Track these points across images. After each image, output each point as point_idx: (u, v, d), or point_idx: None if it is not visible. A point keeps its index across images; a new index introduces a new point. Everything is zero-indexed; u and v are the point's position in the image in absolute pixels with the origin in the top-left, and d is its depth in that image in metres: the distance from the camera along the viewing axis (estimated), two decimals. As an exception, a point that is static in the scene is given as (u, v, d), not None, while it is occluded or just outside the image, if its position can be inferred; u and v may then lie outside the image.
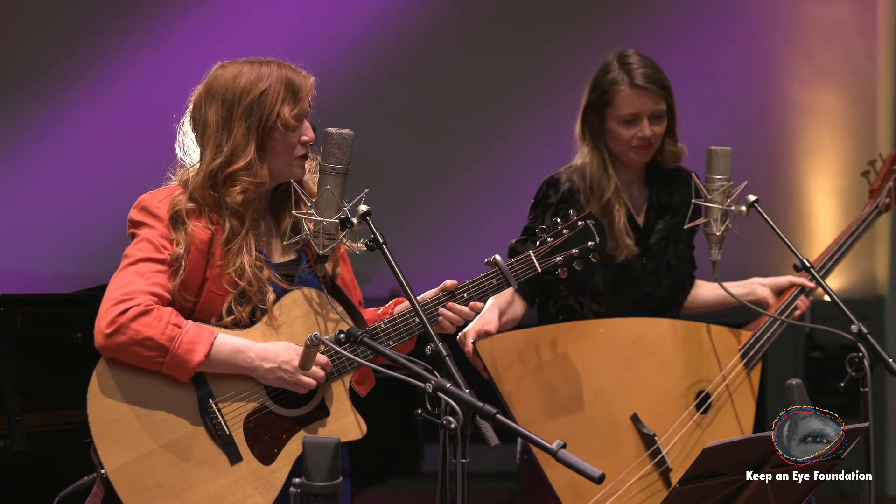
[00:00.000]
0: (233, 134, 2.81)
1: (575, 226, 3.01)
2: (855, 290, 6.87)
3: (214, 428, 2.78)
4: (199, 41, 6.77)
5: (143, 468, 2.74)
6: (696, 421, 3.43)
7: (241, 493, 2.77)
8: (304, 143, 2.87)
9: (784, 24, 7.07)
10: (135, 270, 2.77)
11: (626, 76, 3.54)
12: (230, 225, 2.81)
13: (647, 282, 3.59)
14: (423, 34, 7.08)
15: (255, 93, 2.81)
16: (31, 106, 6.86)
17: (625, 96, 3.53)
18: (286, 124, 2.82)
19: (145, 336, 2.71)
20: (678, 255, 3.65)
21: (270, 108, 2.81)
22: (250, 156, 2.80)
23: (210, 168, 2.81)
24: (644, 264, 3.58)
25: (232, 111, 2.81)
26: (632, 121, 3.53)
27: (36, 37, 6.88)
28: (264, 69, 2.84)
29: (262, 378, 2.79)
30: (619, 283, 3.53)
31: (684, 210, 3.60)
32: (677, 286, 3.67)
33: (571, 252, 3.00)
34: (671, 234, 3.63)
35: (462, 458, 2.40)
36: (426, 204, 7.04)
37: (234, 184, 2.80)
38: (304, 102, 2.86)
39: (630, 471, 3.33)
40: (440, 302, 2.92)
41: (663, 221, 3.63)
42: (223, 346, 2.75)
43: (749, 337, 3.51)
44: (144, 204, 2.84)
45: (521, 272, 2.98)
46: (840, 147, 6.98)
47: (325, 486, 2.39)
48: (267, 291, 2.81)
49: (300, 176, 2.89)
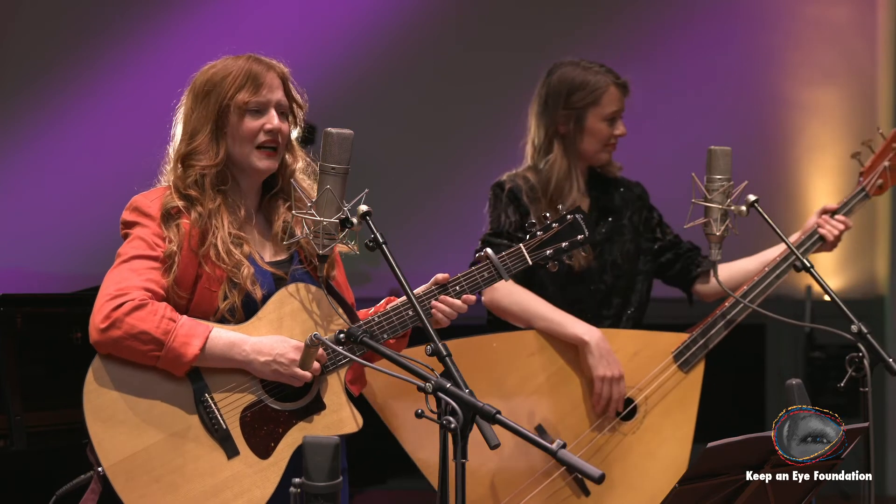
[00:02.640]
0: (193, 118, 2.89)
1: (564, 220, 3.03)
2: (855, 290, 6.87)
3: (211, 422, 2.78)
4: (199, 42, 6.77)
5: (140, 463, 2.74)
6: (614, 427, 3.48)
7: (238, 487, 2.77)
8: (266, 130, 2.89)
9: (784, 24, 7.06)
10: (128, 267, 2.79)
11: (611, 76, 3.69)
12: (196, 212, 2.84)
13: (592, 279, 3.66)
14: (423, 34, 7.08)
15: (216, 79, 2.89)
16: (31, 106, 6.85)
17: (612, 94, 3.68)
18: (240, 108, 2.87)
19: (140, 330, 2.72)
20: (624, 254, 3.72)
21: (226, 93, 2.87)
22: (205, 136, 2.88)
23: (178, 153, 2.90)
24: (589, 263, 3.65)
25: (197, 98, 2.90)
26: (613, 119, 3.68)
27: (36, 37, 6.88)
28: (234, 62, 2.91)
29: (257, 372, 2.79)
30: (566, 283, 3.59)
31: (626, 212, 3.74)
32: (621, 283, 3.71)
33: (561, 245, 3.02)
34: (614, 234, 3.72)
35: (462, 458, 2.40)
36: (426, 204, 7.04)
37: (190, 167, 2.87)
38: (270, 93, 2.89)
39: (535, 479, 3.37)
40: (432, 295, 2.92)
41: (605, 223, 3.72)
42: (218, 339, 2.76)
43: (685, 339, 3.53)
44: (136, 204, 2.88)
45: (512, 265, 2.99)
46: (840, 147, 6.97)
47: (325, 486, 2.39)
48: (243, 265, 2.82)
49: (265, 169, 2.91)
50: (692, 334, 3.56)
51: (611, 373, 3.46)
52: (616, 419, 3.49)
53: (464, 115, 7.02)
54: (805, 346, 6.59)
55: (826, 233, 3.60)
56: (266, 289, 2.86)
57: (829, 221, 3.61)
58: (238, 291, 2.82)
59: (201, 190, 2.86)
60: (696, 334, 3.55)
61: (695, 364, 3.55)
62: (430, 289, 2.94)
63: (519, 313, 3.56)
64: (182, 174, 2.87)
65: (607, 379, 3.46)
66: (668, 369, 3.53)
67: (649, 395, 3.51)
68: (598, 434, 3.48)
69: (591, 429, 3.48)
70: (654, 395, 3.52)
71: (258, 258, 2.89)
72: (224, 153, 2.88)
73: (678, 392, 3.52)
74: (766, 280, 3.56)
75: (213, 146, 2.88)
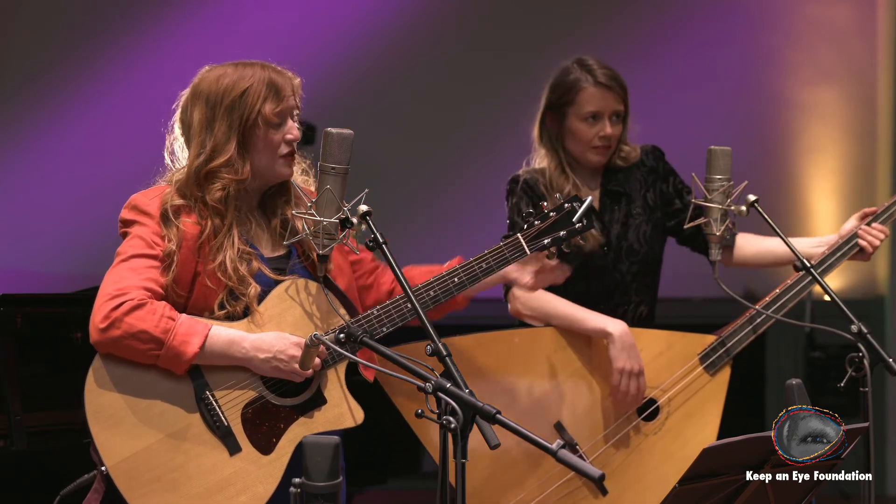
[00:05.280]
0: (215, 132, 2.85)
1: (562, 208, 3.03)
2: (855, 290, 6.86)
3: (212, 419, 2.79)
4: (199, 42, 6.77)
5: (143, 462, 2.75)
6: (637, 427, 3.45)
7: (241, 483, 2.78)
8: (288, 141, 2.89)
9: (784, 24, 7.06)
10: (127, 267, 2.80)
11: (590, 75, 3.63)
12: (212, 223, 2.84)
13: (607, 274, 3.62)
14: (423, 34, 7.08)
15: (237, 91, 2.85)
16: (31, 106, 6.85)
17: (588, 94, 3.61)
18: (267, 121, 2.85)
19: (140, 329, 2.72)
20: (641, 238, 3.66)
21: (252, 106, 2.85)
22: (231, 153, 2.84)
23: (194, 166, 2.86)
24: (605, 255, 3.61)
25: (215, 110, 2.86)
26: (594, 118, 3.60)
27: (36, 37, 6.88)
28: (247, 70, 2.88)
29: (257, 368, 2.80)
30: (577, 276, 3.53)
31: (641, 191, 3.67)
32: (644, 269, 3.66)
33: (559, 234, 3.02)
34: (629, 219, 3.66)
35: (462, 458, 2.40)
36: (426, 204, 7.04)
37: (214, 181, 2.85)
38: (289, 101, 2.89)
39: (551, 476, 3.36)
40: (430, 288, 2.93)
41: (619, 208, 3.66)
42: (218, 337, 2.77)
43: (712, 341, 3.51)
44: (135, 203, 2.88)
45: (510, 256, 3.00)
46: (840, 147, 6.98)
47: (325, 486, 2.39)
48: (249, 285, 2.82)
49: (288, 175, 2.91)
50: (720, 336, 3.52)
51: (630, 366, 3.42)
52: (638, 419, 3.47)
53: (464, 115, 7.02)
54: (805, 346, 6.59)
55: (866, 245, 3.49)
56: (259, 286, 2.86)
57: (869, 232, 3.50)
58: (238, 304, 2.83)
59: (226, 204, 2.85)
60: (723, 336, 3.52)
61: (721, 367, 3.52)
62: (453, 268, 2.97)
63: (541, 315, 3.53)
64: (208, 188, 2.84)
65: (626, 372, 3.42)
66: (693, 371, 3.51)
67: (673, 396, 3.49)
68: (620, 433, 3.46)
69: (612, 427, 3.46)
70: (678, 396, 3.49)
71: (265, 269, 2.88)
72: (250, 167, 2.87)
73: (703, 395, 3.50)
74: (791, 291, 3.51)
75: (240, 161, 2.86)
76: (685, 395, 3.49)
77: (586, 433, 3.43)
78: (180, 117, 2.94)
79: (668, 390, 3.48)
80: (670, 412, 3.48)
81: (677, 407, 3.48)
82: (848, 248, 3.51)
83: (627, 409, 3.45)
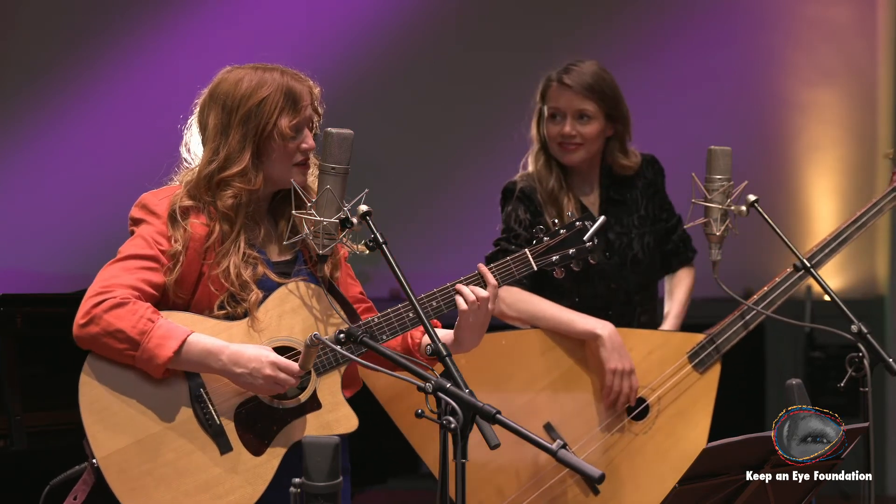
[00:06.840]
0: (229, 140, 2.83)
1: (573, 226, 3.01)
2: (855, 290, 6.86)
3: (205, 417, 2.78)
4: (199, 42, 6.77)
5: (133, 456, 2.75)
6: (627, 427, 3.46)
7: (229, 483, 2.77)
8: (303, 150, 2.88)
9: (784, 24, 7.06)
10: (120, 266, 2.79)
11: (557, 74, 3.69)
12: (220, 228, 2.83)
13: (613, 277, 3.62)
14: (423, 34, 7.08)
15: (254, 101, 2.82)
16: (32, 106, 6.85)
17: (552, 92, 3.69)
18: (283, 134, 2.84)
19: (116, 328, 2.71)
20: (644, 248, 3.68)
21: (268, 118, 2.82)
22: (245, 163, 2.83)
23: (205, 171, 2.84)
24: (608, 259, 3.61)
25: (230, 117, 2.84)
26: (555, 116, 3.67)
27: (36, 37, 6.88)
28: (266, 76, 2.85)
29: (233, 381, 2.78)
30: (582, 278, 3.54)
31: (643, 203, 3.70)
32: (645, 280, 3.69)
33: (568, 252, 3.00)
34: (633, 229, 3.68)
35: (462, 458, 2.40)
36: (426, 204, 7.04)
37: (226, 188, 2.83)
38: (306, 111, 2.87)
39: (543, 476, 3.37)
40: (433, 297, 2.89)
41: (620, 216, 3.68)
42: (195, 345, 2.74)
43: (701, 339, 3.52)
44: (144, 202, 2.86)
45: (517, 270, 2.98)
46: (840, 147, 6.98)
47: (325, 486, 2.39)
48: (251, 291, 2.82)
49: (301, 183, 2.89)
50: (708, 335, 3.54)
51: (622, 366, 3.44)
52: (627, 418, 3.48)
53: (464, 115, 7.01)
54: (805, 346, 6.59)
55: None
56: (261, 291, 2.85)
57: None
58: (239, 307, 2.82)
59: (236, 211, 2.84)
60: (712, 334, 3.53)
61: (710, 365, 3.53)
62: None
63: (527, 318, 3.54)
64: (219, 194, 2.83)
65: (618, 372, 3.44)
66: (682, 370, 3.52)
67: (662, 395, 3.50)
68: (609, 433, 3.47)
69: (602, 427, 3.47)
70: (668, 395, 3.50)
71: (270, 273, 2.87)
72: (263, 176, 2.86)
73: (692, 393, 3.51)
74: (782, 287, 3.52)
75: (254, 171, 2.84)
76: (674, 393, 3.50)
77: (576, 434, 3.44)
78: (198, 118, 2.92)
79: (657, 389, 3.50)
80: (660, 411, 3.49)
81: (667, 405, 3.50)
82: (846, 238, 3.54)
83: (620, 409, 3.47)
